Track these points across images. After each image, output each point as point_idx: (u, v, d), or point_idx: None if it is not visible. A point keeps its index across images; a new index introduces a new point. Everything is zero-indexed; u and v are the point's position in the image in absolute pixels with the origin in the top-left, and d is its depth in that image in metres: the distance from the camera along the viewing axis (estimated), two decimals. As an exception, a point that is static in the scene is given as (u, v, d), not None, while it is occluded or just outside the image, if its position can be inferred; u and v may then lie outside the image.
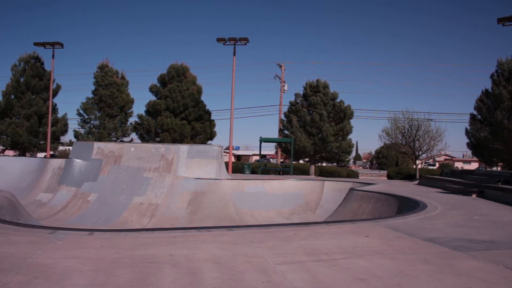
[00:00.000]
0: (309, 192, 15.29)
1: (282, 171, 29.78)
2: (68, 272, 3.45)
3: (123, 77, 34.23)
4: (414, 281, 3.44)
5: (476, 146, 27.36)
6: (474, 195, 12.02)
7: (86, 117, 33.34)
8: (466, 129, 28.47)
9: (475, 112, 28.20)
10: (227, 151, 31.81)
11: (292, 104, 32.34)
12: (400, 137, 28.12)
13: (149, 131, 31.47)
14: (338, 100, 31.36)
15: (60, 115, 34.55)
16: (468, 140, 28.26)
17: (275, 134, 38.28)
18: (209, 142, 32.20)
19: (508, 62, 26.76)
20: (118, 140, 32.82)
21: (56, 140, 34.12)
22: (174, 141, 29.60)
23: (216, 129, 33.27)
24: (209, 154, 15.73)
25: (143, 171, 14.94)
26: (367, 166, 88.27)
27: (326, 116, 30.10)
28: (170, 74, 32.01)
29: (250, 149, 79.47)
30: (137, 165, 15.09)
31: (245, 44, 27.73)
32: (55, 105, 34.15)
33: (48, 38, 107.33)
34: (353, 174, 32.38)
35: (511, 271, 3.74)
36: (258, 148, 30.52)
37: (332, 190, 15.18)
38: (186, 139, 30.39)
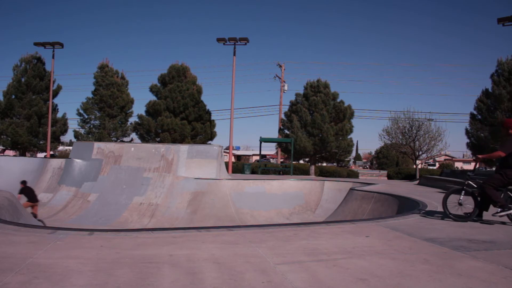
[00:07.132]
0: (309, 192, 15.28)
1: (282, 171, 29.79)
2: (68, 272, 3.45)
3: (123, 77, 34.26)
4: (414, 281, 3.44)
5: (476, 146, 27.36)
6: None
7: (86, 117, 33.38)
8: (466, 129, 28.48)
9: (475, 112, 28.21)
10: (227, 151, 31.83)
11: (292, 104, 32.31)
12: (401, 137, 28.14)
13: (149, 131, 31.48)
14: (338, 100, 31.37)
15: (60, 115, 34.63)
16: (468, 140, 28.28)
17: (275, 134, 38.30)
18: (209, 142, 32.21)
19: (508, 62, 26.78)
20: (118, 140, 32.83)
21: (56, 140, 34.15)
22: (174, 141, 29.61)
23: (216, 129, 33.34)
24: (209, 154, 15.74)
25: (143, 171, 14.94)
26: (367, 166, 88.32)
27: (327, 116, 30.11)
28: (170, 74, 32.02)
29: (250, 149, 79.55)
30: (137, 165, 15.09)
31: (245, 44, 27.78)
32: (56, 105, 34.25)
33: (48, 38, 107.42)
34: (353, 174, 32.42)
35: (511, 271, 3.73)
36: (258, 148, 30.56)
37: (332, 190, 15.18)
38: (186, 139, 30.39)
